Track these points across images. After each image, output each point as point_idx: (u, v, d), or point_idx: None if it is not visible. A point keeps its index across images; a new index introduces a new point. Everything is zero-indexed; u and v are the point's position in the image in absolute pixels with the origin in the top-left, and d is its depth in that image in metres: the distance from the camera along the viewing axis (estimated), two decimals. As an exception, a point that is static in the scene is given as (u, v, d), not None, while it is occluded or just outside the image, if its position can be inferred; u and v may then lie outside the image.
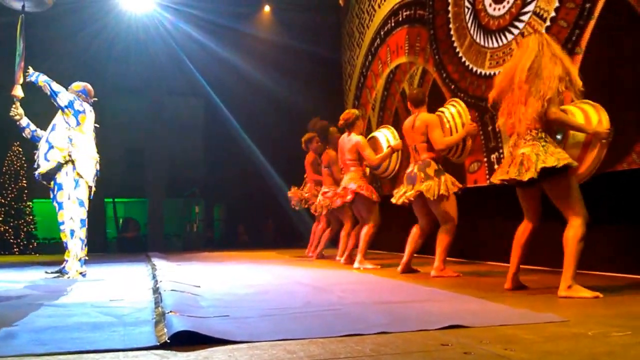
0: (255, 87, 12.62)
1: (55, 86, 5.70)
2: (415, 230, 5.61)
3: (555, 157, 3.67)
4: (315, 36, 11.78)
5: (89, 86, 6.04)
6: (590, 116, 3.85)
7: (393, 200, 5.63)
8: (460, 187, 5.36)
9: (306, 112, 9.95)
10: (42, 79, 5.68)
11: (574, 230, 3.65)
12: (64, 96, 5.70)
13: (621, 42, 4.74)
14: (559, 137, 3.93)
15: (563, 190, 3.74)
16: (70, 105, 5.69)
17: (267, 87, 12.27)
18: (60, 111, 5.73)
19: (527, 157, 3.75)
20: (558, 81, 3.74)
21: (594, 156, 3.82)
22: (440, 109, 5.54)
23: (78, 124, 5.71)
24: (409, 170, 5.54)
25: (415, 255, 5.65)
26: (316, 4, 11.67)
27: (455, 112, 5.39)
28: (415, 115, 5.55)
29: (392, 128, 6.68)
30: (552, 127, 3.85)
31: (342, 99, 11.37)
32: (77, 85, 5.99)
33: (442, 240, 5.27)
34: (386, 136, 6.43)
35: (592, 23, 5.03)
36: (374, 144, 6.47)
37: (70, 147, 5.62)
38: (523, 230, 4.06)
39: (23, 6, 5.89)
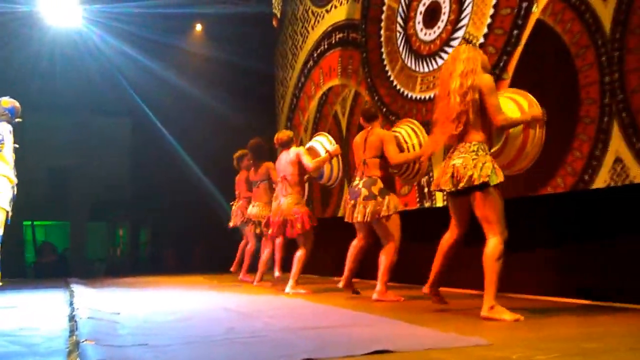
0: (189, 103, 12.32)
1: None
2: (354, 243, 5.41)
3: (478, 172, 3.67)
4: (249, 51, 11.66)
5: (17, 104, 5.64)
6: (521, 103, 3.92)
7: (346, 219, 5.41)
8: (404, 207, 5.28)
9: (242, 129, 9.81)
10: None
11: (491, 248, 3.65)
12: None
13: (547, 68, 4.86)
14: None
15: (485, 205, 3.71)
16: None
17: (202, 104, 11.98)
18: None
19: (457, 169, 3.75)
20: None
21: (536, 140, 3.90)
22: (396, 129, 5.47)
23: None
24: (353, 184, 5.34)
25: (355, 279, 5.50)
26: (250, 18, 11.57)
27: (410, 131, 5.32)
28: (367, 130, 5.45)
29: (327, 134, 6.61)
30: (489, 136, 3.86)
31: (276, 116, 11.28)
32: (6, 101, 5.59)
33: (384, 262, 5.11)
34: (322, 143, 6.34)
35: (519, 49, 5.14)
36: (312, 154, 6.36)
37: None
38: (447, 238, 4.05)
39: None
